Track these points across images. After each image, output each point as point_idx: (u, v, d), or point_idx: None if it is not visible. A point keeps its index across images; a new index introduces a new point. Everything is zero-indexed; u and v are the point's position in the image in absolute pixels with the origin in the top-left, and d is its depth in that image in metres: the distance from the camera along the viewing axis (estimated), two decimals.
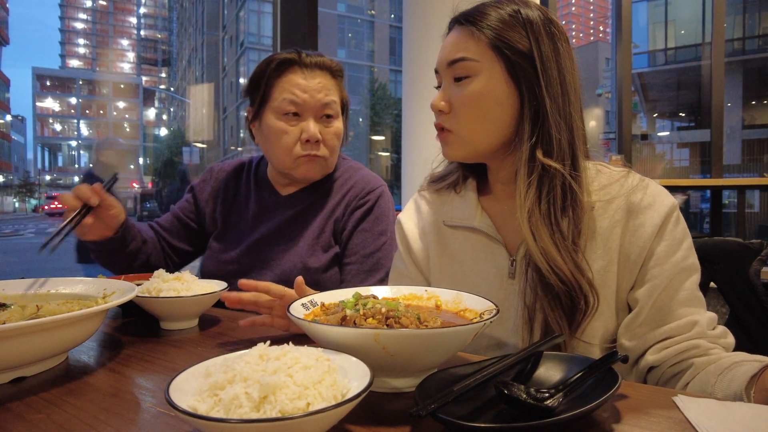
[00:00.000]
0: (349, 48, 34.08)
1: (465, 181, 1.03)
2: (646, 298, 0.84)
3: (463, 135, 0.90)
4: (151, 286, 1.00)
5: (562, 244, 0.83)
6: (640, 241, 0.85)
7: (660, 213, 0.85)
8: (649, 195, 0.87)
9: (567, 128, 0.86)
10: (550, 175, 0.85)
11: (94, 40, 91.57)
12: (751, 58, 16.28)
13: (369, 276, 1.30)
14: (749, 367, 0.72)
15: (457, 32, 0.91)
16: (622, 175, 0.90)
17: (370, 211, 1.34)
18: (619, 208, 0.87)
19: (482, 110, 0.88)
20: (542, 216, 0.84)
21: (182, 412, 0.45)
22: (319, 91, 1.29)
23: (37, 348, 0.71)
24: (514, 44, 0.85)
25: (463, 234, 0.99)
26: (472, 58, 0.87)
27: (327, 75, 1.33)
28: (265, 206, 1.40)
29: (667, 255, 0.84)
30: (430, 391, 0.57)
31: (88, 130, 75.71)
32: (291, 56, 1.30)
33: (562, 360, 0.67)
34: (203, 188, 1.48)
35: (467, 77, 0.88)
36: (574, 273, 0.82)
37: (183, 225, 1.47)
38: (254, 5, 34.97)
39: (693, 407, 0.58)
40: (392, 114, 27.18)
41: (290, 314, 0.67)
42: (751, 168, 11.54)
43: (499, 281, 0.93)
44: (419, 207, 1.09)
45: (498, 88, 0.87)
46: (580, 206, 0.85)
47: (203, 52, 43.89)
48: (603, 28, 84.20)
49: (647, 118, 19.38)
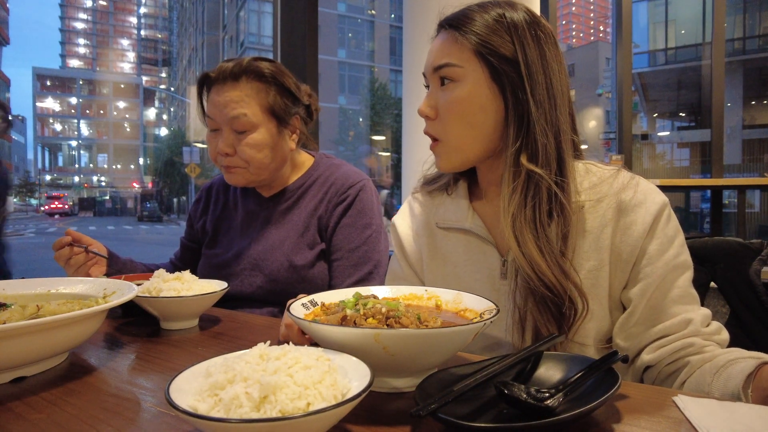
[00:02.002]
0: (349, 48, 34.06)
1: (456, 183, 1.03)
2: (640, 297, 0.84)
3: (449, 143, 0.90)
4: (151, 286, 1.00)
5: (547, 250, 0.82)
6: (632, 240, 0.85)
7: (651, 211, 0.84)
8: (640, 193, 0.86)
9: (553, 133, 0.85)
10: (534, 180, 0.84)
11: (94, 40, 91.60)
12: (752, 58, 16.28)
13: (356, 270, 1.32)
14: (745, 365, 0.72)
15: (443, 37, 0.91)
16: (611, 174, 0.90)
17: (351, 205, 1.35)
18: (609, 207, 0.87)
19: (466, 116, 0.87)
20: (527, 221, 0.83)
21: (182, 412, 0.45)
22: (226, 106, 1.26)
23: (38, 348, 0.71)
24: (498, 49, 0.85)
25: (455, 236, 1.00)
26: (455, 63, 0.87)
27: (242, 83, 1.27)
28: (251, 210, 1.43)
29: (659, 253, 0.84)
30: (431, 391, 0.57)
31: (88, 130, 75.74)
32: (209, 73, 1.31)
33: (562, 360, 0.67)
34: (196, 209, 1.56)
35: (451, 82, 0.88)
36: (560, 279, 0.81)
37: (191, 251, 1.55)
38: (254, 5, 34.97)
39: (693, 407, 0.58)
40: (392, 114, 27.16)
41: (290, 314, 0.67)
42: (751, 168, 11.53)
43: (491, 282, 0.94)
44: (413, 209, 1.09)
45: (481, 93, 0.86)
46: (567, 211, 0.85)
47: (203, 52, 43.90)
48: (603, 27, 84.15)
49: (647, 118, 19.37)
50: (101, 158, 76.34)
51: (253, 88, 1.28)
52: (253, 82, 1.28)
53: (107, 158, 75.68)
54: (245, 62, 1.29)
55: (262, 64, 1.30)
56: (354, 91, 32.25)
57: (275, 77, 1.30)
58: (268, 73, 1.29)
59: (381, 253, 1.36)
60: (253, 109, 1.27)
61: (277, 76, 1.31)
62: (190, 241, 1.56)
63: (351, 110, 30.65)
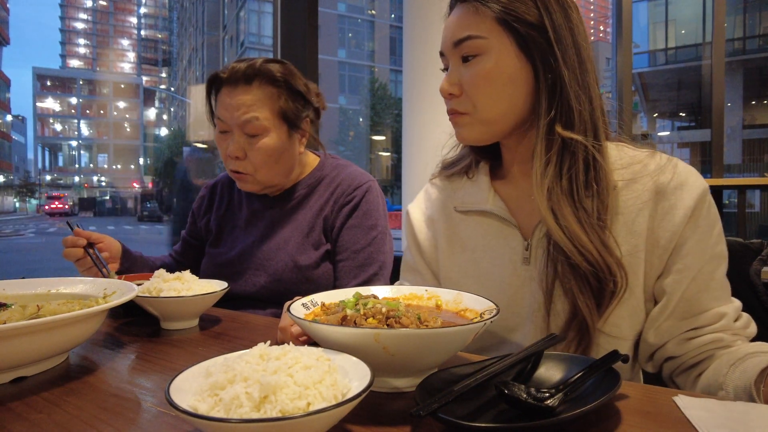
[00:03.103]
0: (349, 48, 34.04)
1: (477, 165, 0.99)
2: (675, 289, 0.79)
3: (478, 116, 0.85)
4: (151, 286, 1.00)
5: (587, 222, 0.78)
6: (671, 226, 0.79)
7: (692, 195, 0.79)
8: (680, 174, 0.80)
9: (587, 98, 0.81)
10: (570, 149, 0.80)
11: (94, 40, 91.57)
12: (752, 58, 16.28)
13: (362, 271, 1.31)
14: (762, 359, 0.69)
15: (460, 10, 0.85)
16: (646, 155, 0.84)
17: (357, 206, 1.35)
18: (646, 189, 0.81)
19: (495, 89, 0.82)
20: (563, 193, 0.79)
21: (183, 412, 0.45)
22: (237, 109, 1.24)
23: (38, 348, 0.71)
24: (523, 16, 0.80)
25: (474, 219, 0.95)
26: (479, 35, 0.82)
27: (255, 87, 1.26)
28: (256, 209, 1.43)
29: (699, 242, 0.78)
30: (431, 391, 0.57)
31: (88, 130, 75.72)
32: (219, 73, 1.29)
33: (563, 360, 0.67)
34: (200, 205, 1.55)
35: (476, 56, 0.83)
36: (602, 252, 0.77)
37: (192, 247, 1.55)
38: (254, 5, 34.97)
39: (693, 407, 0.58)
40: (392, 114, 27.17)
41: (290, 314, 0.67)
42: (751, 168, 11.54)
43: (513, 267, 0.89)
44: (429, 195, 1.06)
45: (509, 64, 0.81)
46: (605, 180, 0.80)
47: (203, 52, 43.90)
48: (603, 27, 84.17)
49: (648, 118, 19.38)
50: (101, 158, 76.34)
51: (265, 92, 1.26)
52: (265, 86, 1.27)
53: (107, 158, 75.68)
54: (258, 64, 1.27)
55: (274, 66, 1.28)
56: (354, 91, 32.25)
57: (287, 80, 1.29)
58: (280, 77, 1.28)
59: (386, 255, 1.36)
60: (265, 113, 1.26)
61: (289, 79, 1.29)
62: (191, 237, 1.55)
63: (351, 110, 30.64)
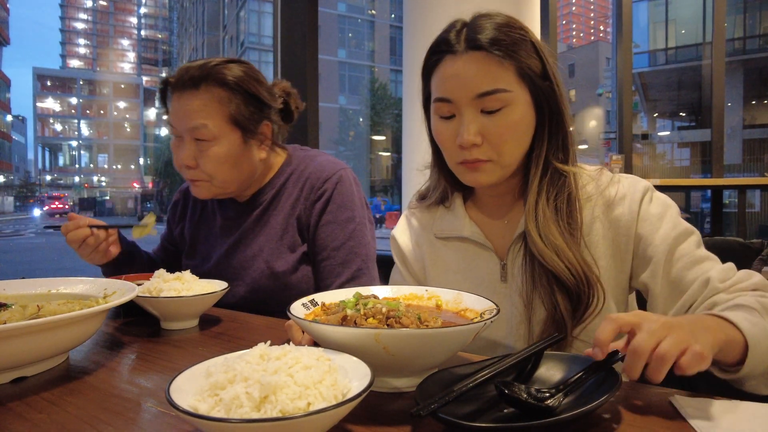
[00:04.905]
0: (349, 48, 34.04)
1: (452, 194, 1.05)
2: (653, 278, 0.85)
3: (501, 163, 0.89)
4: (151, 286, 1.00)
5: (571, 241, 0.86)
6: (624, 230, 0.88)
7: (635, 199, 0.89)
8: (623, 187, 0.91)
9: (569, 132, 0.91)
10: (561, 180, 0.89)
11: (94, 40, 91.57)
12: (752, 58, 16.29)
13: (345, 268, 1.24)
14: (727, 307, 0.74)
15: (478, 60, 0.84)
16: (596, 175, 0.94)
17: (330, 200, 1.27)
18: (597, 205, 0.91)
19: (518, 137, 0.88)
20: (551, 218, 0.87)
21: (183, 412, 0.45)
22: (186, 115, 1.17)
23: (38, 348, 0.71)
24: (533, 68, 0.86)
25: (454, 244, 1.02)
26: (506, 89, 0.85)
27: (202, 91, 1.17)
28: (229, 216, 1.36)
29: (652, 232, 0.86)
30: (431, 391, 0.57)
31: (88, 130, 75.70)
32: (169, 77, 1.22)
33: (563, 360, 0.67)
34: (174, 211, 1.50)
35: (501, 108, 0.85)
36: (584, 267, 0.85)
37: (170, 253, 1.51)
38: (254, 5, 34.96)
39: (691, 407, 0.58)
40: (392, 114, 27.17)
41: (290, 314, 0.67)
42: (751, 168, 11.53)
43: (492, 286, 0.96)
44: (411, 223, 1.12)
45: (528, 113, 0.88)
46: (579, 203, 0.90)
47: (204, 52, 43.95)
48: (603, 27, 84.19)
49: (648, 117, 19.38)
50: (101, 158, 76.31)
51: (213, 96, 1.17)
52: (214, 89, 1.17)
53: (107, 158, 75.66)
54: (209, 66, 1.18)
55: (228, 69, 1.19)
56: (354, 91, 32.23)
57: (240, 84, 1.19)
58: (232, 81, 1.18)
59: (368, 247, 1.28)
60: (214, 119, 1.17)
61: (243, 83, 1.19)
62: (168, 243, 1.51)
63: (351, 110, 30.64)
